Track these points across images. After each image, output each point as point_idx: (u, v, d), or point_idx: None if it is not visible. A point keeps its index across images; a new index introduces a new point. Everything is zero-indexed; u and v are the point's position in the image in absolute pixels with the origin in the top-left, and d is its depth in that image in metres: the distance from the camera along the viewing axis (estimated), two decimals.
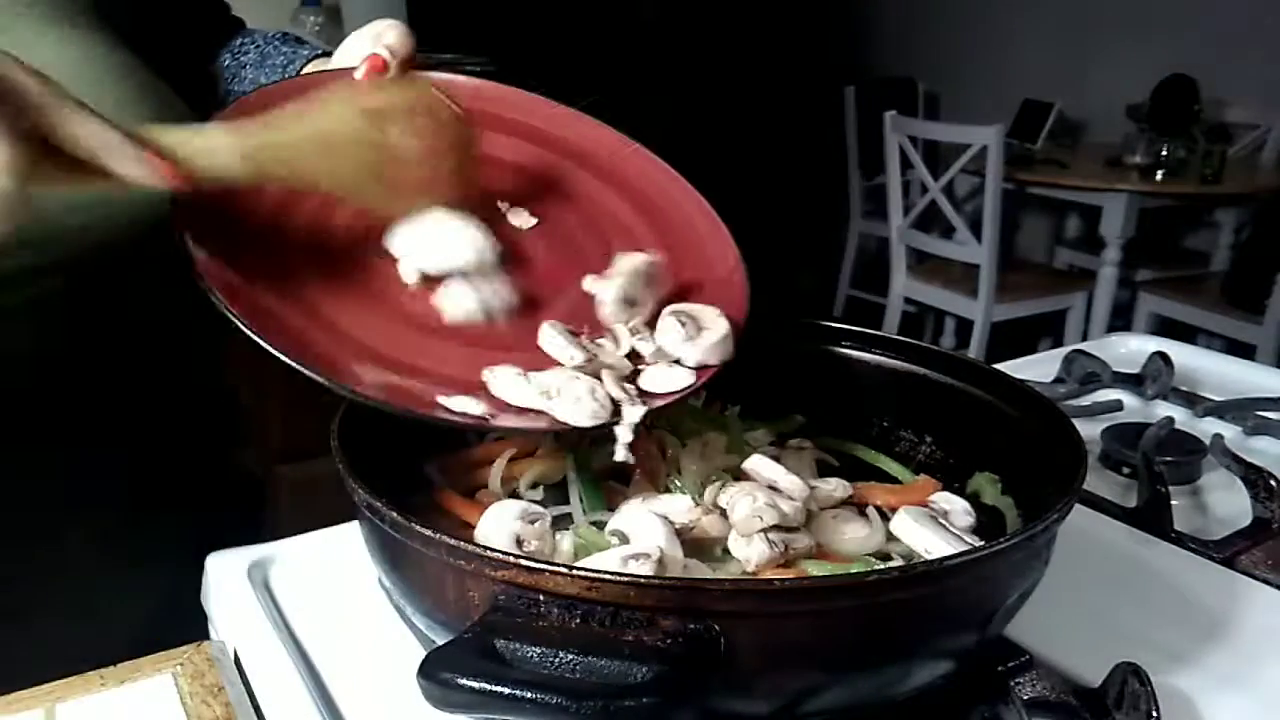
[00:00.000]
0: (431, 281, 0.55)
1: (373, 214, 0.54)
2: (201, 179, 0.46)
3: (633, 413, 0.52)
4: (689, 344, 0.55)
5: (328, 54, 0.68)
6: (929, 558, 0.52)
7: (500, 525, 0.51)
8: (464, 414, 0.51)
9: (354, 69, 0.60)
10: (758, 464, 0.58)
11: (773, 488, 0.56)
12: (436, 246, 0.54)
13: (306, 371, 0.47)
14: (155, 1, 0.72)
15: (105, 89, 0.58)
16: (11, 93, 0.40)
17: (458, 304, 0.54)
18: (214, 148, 0.47)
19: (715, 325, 0.56)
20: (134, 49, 0.63)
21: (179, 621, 0.61)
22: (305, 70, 0.69)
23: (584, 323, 0.57)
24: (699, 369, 0.56)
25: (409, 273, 0.54)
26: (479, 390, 0.52)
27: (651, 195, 0.64)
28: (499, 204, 0.61)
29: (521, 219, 0.61)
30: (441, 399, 0.51)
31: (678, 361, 0.56)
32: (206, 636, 0.60)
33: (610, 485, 0.61)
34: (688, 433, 0.66)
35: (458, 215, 0.54)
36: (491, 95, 0.65)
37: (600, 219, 0.63)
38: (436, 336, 0.54)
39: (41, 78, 0.41)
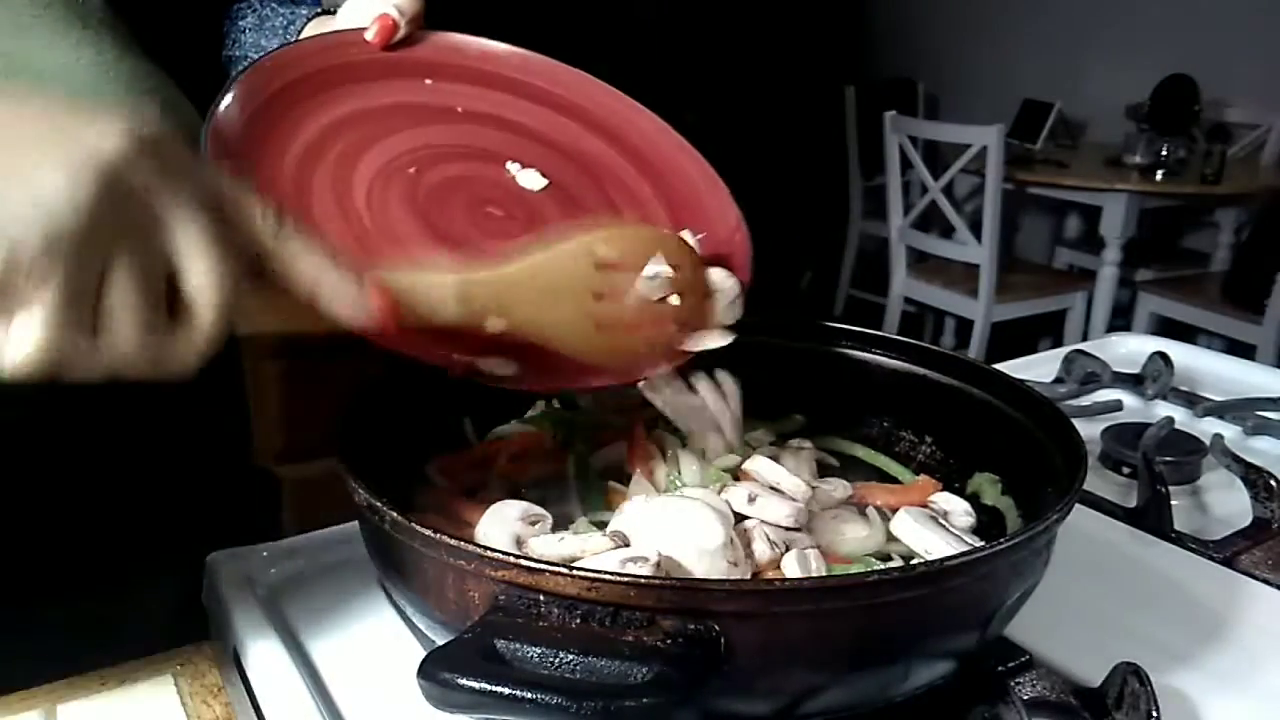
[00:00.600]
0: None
1: (583, 356, 0.52)
2: (416, 319, 0.45)
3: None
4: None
5: (329, 12, 0.67)
6: (929, 558, 0.52)
7: (500, 525, 0.51)
8: (492, 373, 0.51)
9: (363, 30, 0.59)
10: (760, 466, 0.58)
11: (774, 489, 0.56)
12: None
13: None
14: None
15: (117, 94, 0.58)
16: (233, 213, 0.38)
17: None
18: (437, 290, 0.46)
19: (726, 286, 0.57)
20: (143, 35, 0.63)
21: (190, 623, 0.61)
22: (307, 30, 0.67)
23: None
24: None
25: None
26: (505, 348, 0.52)
27: (657, 161, 0.65)
28: (509, 165, 0.62)
29: (532, 180, 0.62)
30: (477, 361, 0.51)
31: None
32: (207, 636, 0.60)
33: (610, 485, 0.61)
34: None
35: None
36: (505, 58, 0.65)
37: (608, 183, 0.63)
38: None
39: (265, 207, 0.39)
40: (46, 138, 0.35)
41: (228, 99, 0.53)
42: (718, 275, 0.57)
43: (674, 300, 0.53)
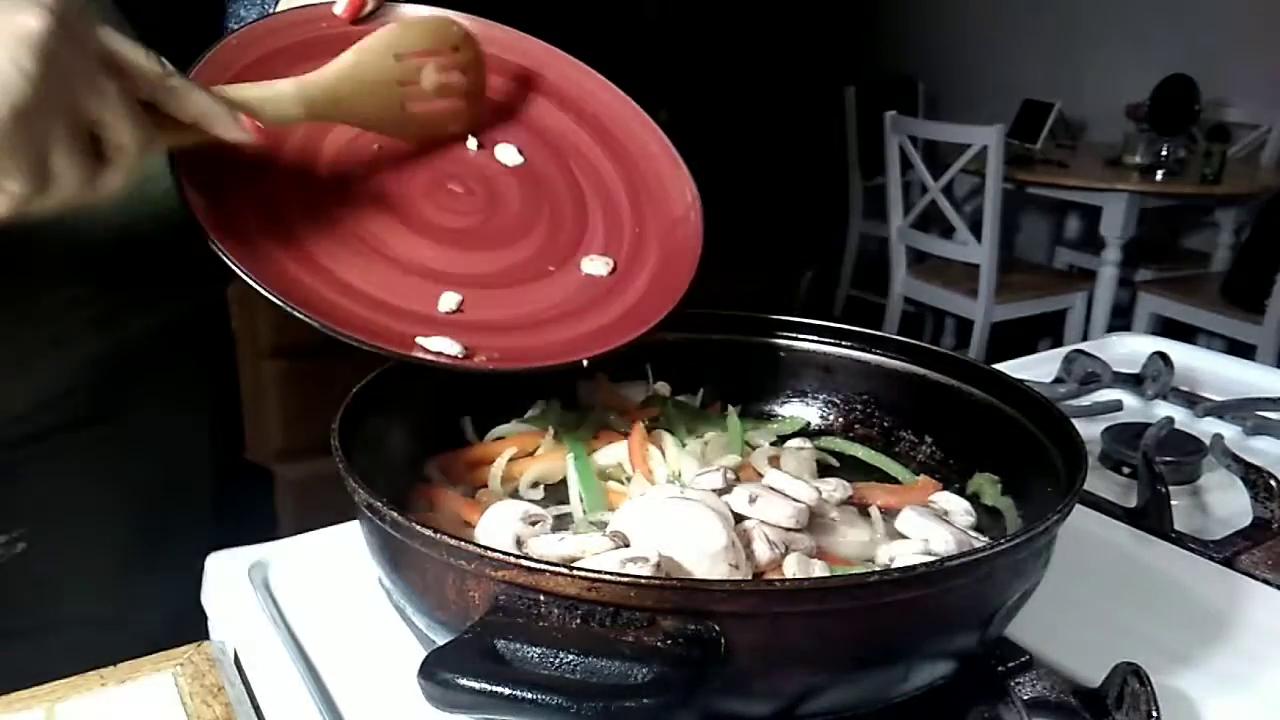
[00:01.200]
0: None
1: (394, 140, 0.60)
2: (272, 125, 0.54)
3: None
4: None
5: None
6: (929, 549, 0.52)
7: (501, 525, 0.51)
8: (440, 353, 0.53)
9: (333, 3, 0.62)
10: (764, 471, 0.58)
11: (774, 490, 0.56)
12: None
13: (288, 307, 0.50)
14: None
15: None
16: (131, 70, 0.45)
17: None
18: (279, 97, 0.53)
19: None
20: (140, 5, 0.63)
21: (190, 623, 0.61)
22: (283, 3, 0.68)
23: (549, 263, 0.60)
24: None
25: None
26: (456, 329, 0.54)
27: (622, 139, 0.66)
28: (496, 148, 0.64)
29: (510, 156, 0.63)
30: (420, 339, 0.53)
31: None
32: (207, 636, 0.60)
33: (610, 485, 0.61)
34: (688, 433, 0.66)
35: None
36: (478, 33, 0.65)
37: (571, 156, 0.65)
38: (417, 275, 0.56)
39: (150, 52, 0.46)
40: None
41: (194, 75, 0.54)
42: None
43: (458, 78, 0.61)
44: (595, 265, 0.60)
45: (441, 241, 0.57)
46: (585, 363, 0.55)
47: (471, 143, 0.63)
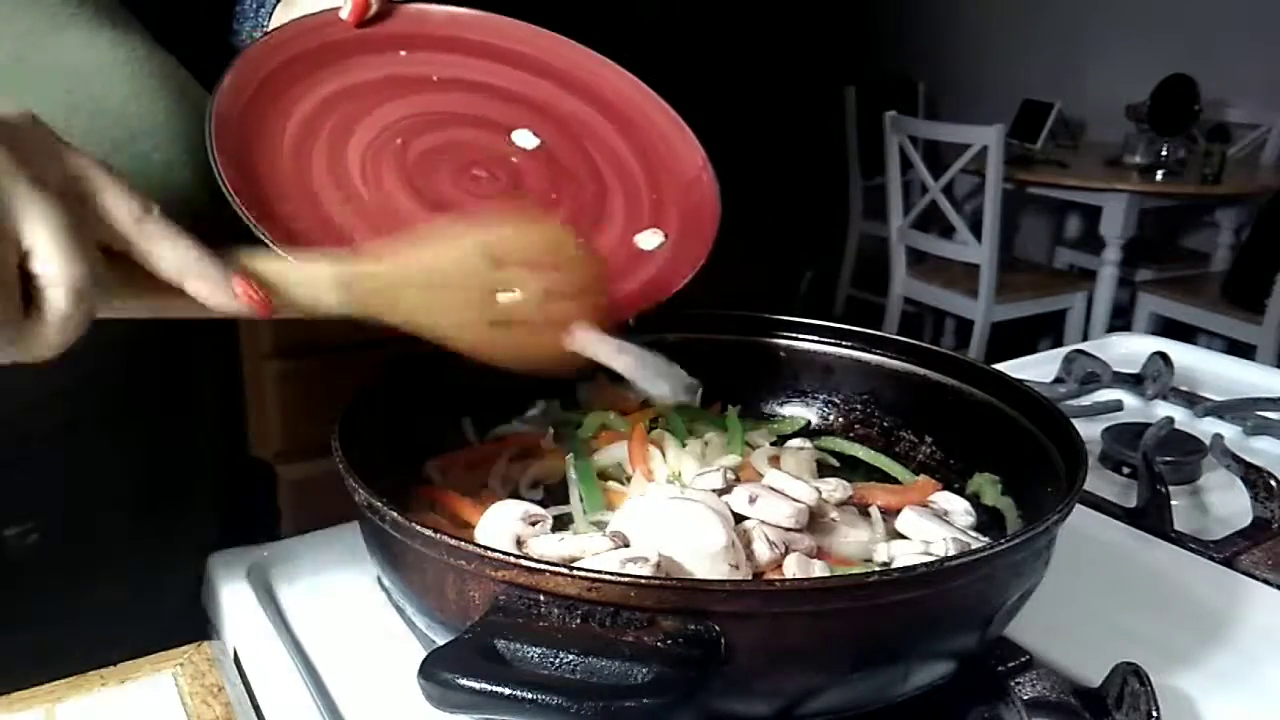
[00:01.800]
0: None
1: (474, 353, 0.51)
2: (292, 313, 0.44)
3: None
4: None
5: None
6: (929, 549, 0.52)
7: (501, 525, 0.51)
8: None
9: (337, 9, 0.61)
10: (764, 471, 0.58)
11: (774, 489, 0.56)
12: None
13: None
14: None
15: (150, 89, 0.59)
16: (91, 200, 0.38)
17: None
18: (314, 280, 0.44)
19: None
20: (160, 33, 0.64)
21: (190, 623, 0.62)
22: (276, 13, 0.68)
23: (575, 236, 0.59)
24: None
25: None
26: None
27: (628, 112, 0.68)
28: (513, 134, 0.64)
29: (526, 140, 0.64)
30: None
31: None
32: (206, 636, 0.60)
33: (610, 485, 0.61)
34: (688, 433, 0.66)
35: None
36: (469, 22, 0.66)
37: (585, 137, 0.66)
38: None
39: (126, 184, 0.39)
40: None
41: (222, 89, 0.54)
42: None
43: (573, 304, 0.52)
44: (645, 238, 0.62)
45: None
46: (631, 322, 0.56)
47: (517, 134, 0.64)
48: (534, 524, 0.52)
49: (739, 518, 0.53)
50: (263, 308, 0.42)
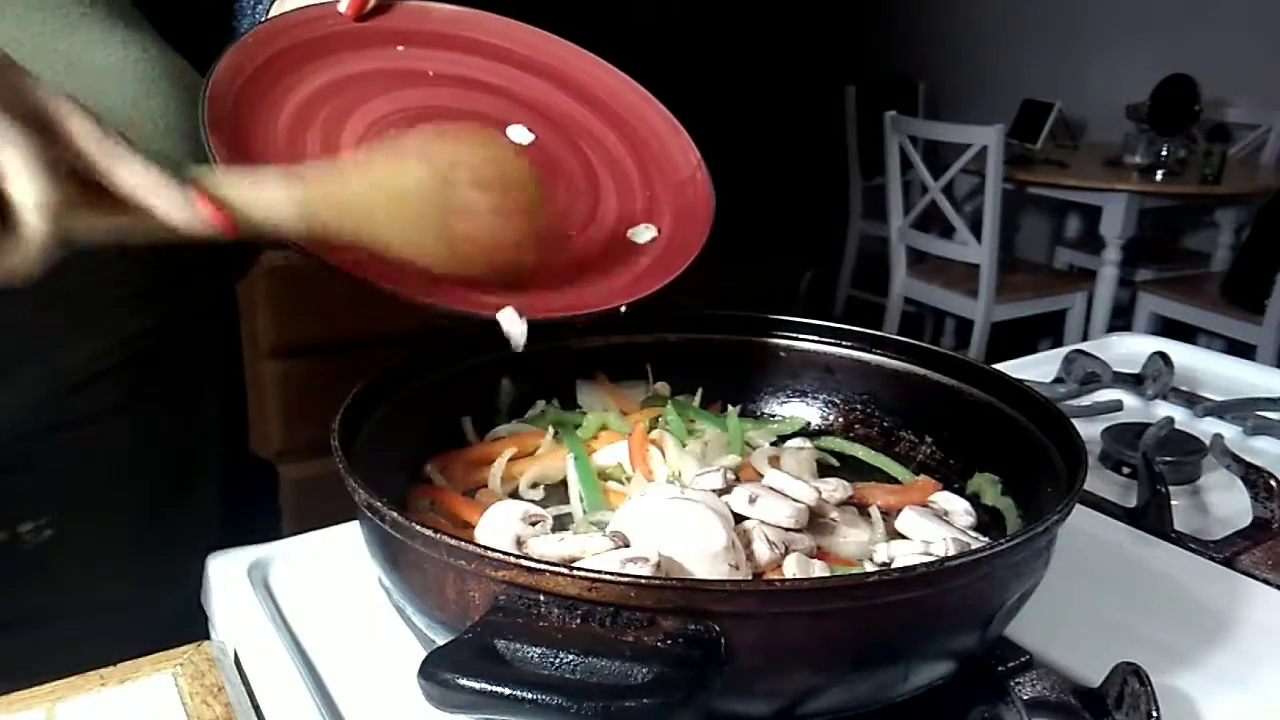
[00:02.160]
0: None
1: (430, 267, 0.52)
2: (251, 227, 0.45)
3: None
4: None
5: None
6: (929, 549, 0.52)
7: (501, 525, 0.51)
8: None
9: (336, 2, 0.62)
10: (764, 471, 0.58)
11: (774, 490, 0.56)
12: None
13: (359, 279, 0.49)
14: None
15: (161, 89, 0.60)
16: (57, 128, 0.40)
17: None
18: (270, 198, 0.45)
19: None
20: (161, 31, 0.64)
21: (190, 623, 0.62)
22: (273, 10, 0.69)
23: (569, 229, 0.61)
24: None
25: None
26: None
27: (622, 112, 0.68)
28: (509, 129, 0.65)
29: (521, 135, 0.64)
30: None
31: None
32: (206, 636, 0.60)
33: (610, 485, 0.61)
34: (688, 433, 0.66)
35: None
36: (470, 21, 0.67)
37: (578, 135, 0.66)
38: None
39: (91, 114, 0.41)
40: None
41: (216, 75, 0.55)
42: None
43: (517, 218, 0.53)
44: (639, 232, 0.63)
45: None
46: (623, 309, 0.57)
47: (513, 130, 0.64)
48: (534, 524, 0.52)
49: (739, 518, 0.53)
50: (226, 225, 0.43)
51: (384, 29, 0.64)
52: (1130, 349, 1.06)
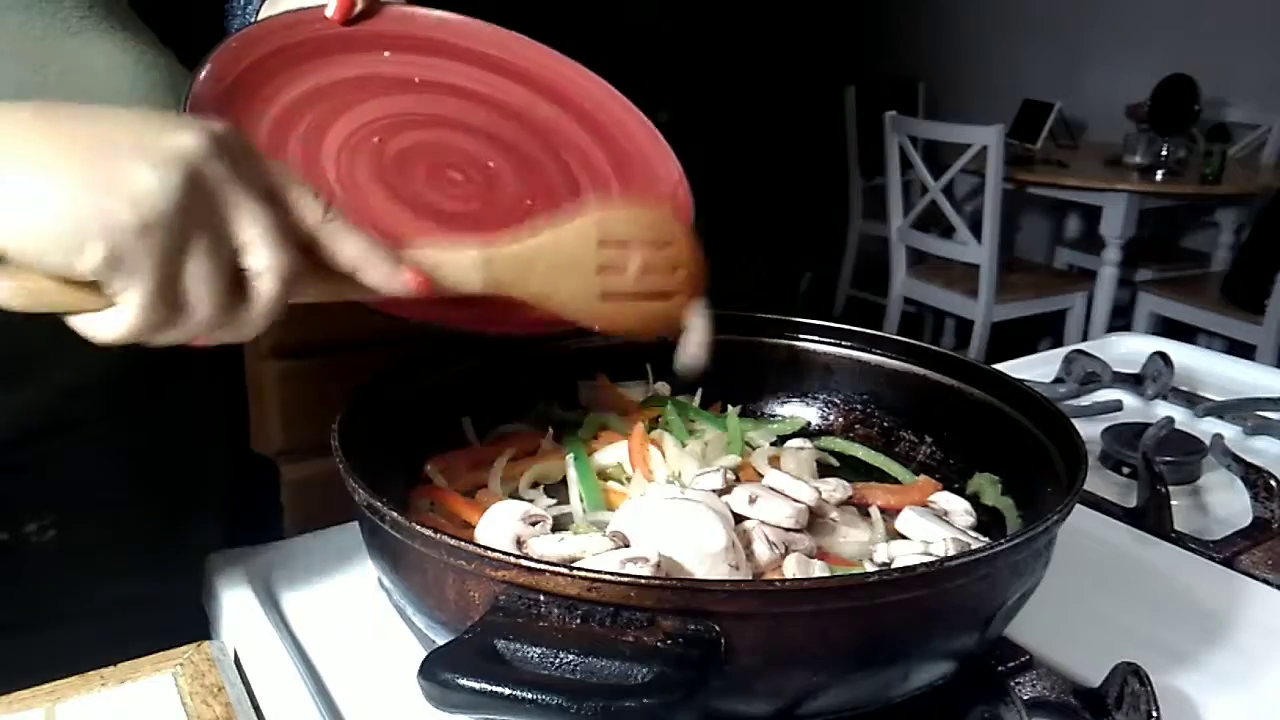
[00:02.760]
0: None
1: (591, 323, 0.56)
2: (446, 291, 0.50)
3: None
4: None
5: None
6: (929, 549, 0.52)
7: (501, 525, 0.51)
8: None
9: (323, 7, 0.62)
10: (765, 471, 0.58)
11: (775, 490, 0.56)
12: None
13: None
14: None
15: (159, 93, 0.60)
16: (286, 202, 0.43)
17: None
18: (461, 262, 0.50)
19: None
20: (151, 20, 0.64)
21: (190, 623, 0.62)
22: (263, 11, 0.69)
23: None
24: None
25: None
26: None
27: (606, 123, 0.68)
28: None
29: (499, 145, 0.65)
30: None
31: None
32: (207, 636, 0.60)
33: (610, 485, 0.61)
34: (688, 433, 0.66)
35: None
36: (456, 27, 0.67)
37: (560, 145, 0.67)
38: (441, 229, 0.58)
39: (307, 187, 0.44)
40: (135, 145, 0.39)
41: (200, 78, 0.55)
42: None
43: (671, 277, 0.57)
44: None
45: (447, 225, 0.59)
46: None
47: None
48: (534, 524, 0.52)
49: (739, 518, 0.53)
50: (426, 289, 0.48)
51: (370, 34, 0.64)
52: (1130, 349, 1.06)
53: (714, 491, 0.55)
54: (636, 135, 0.68)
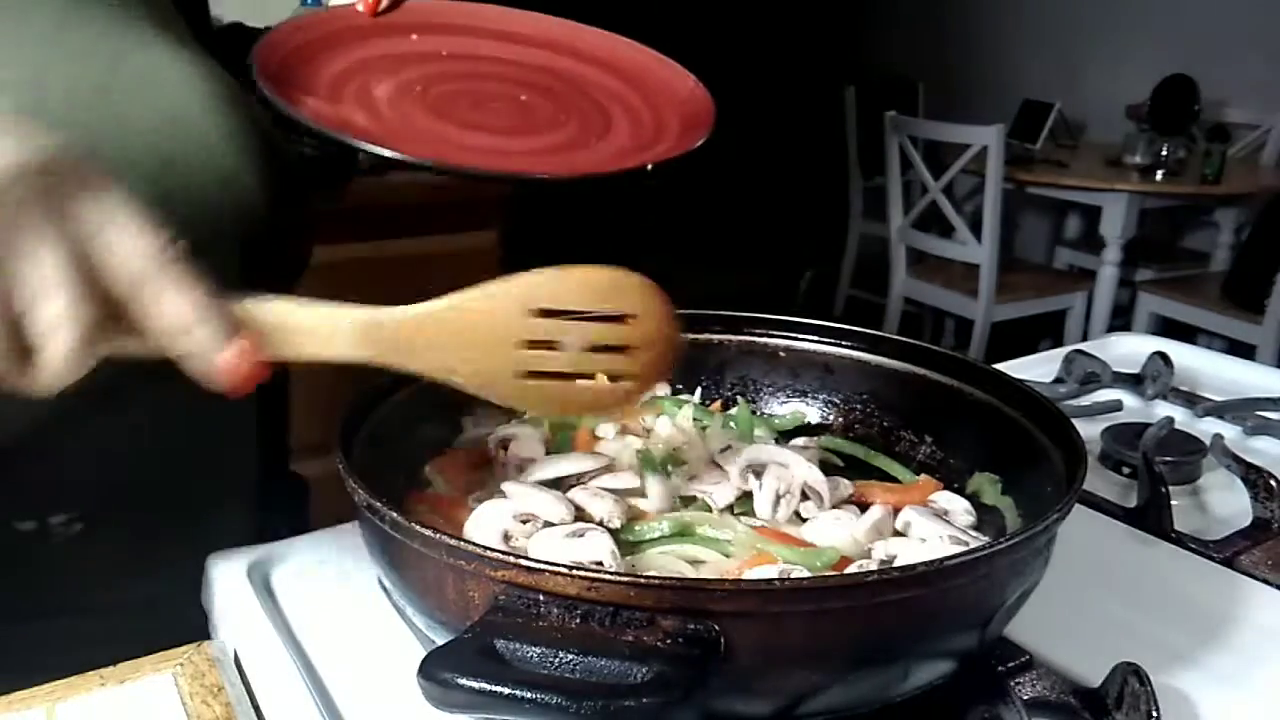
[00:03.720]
0: None
1: (507, 404, 0.49)
2: (312, 360, 0.42)
3: None
4: None
5: None
6: (929, 549, 0.52)
7: (488, 523, 0.52)
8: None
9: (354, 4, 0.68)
10: (775, 455, 0.59)
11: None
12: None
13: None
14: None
15: (223, 106, 0.62)
16: (103, 246, 0.36)
17: None
18: (330, 327, 0.42)
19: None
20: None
21: (189, 623, 0.62)
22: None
23: (590, 137, 0.67)
24: None
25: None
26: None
27: (620, 62, 0.74)
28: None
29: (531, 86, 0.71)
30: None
31: None
32: (206, 636, 0.60)
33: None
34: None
35: None
36: (473, 11, 0.73)
37: (584, 84, 0.72)
38: (480, 150, 0.64)
39: (152, 233, 0.37)
40: None
41: (260, 44, 0.61)
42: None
43: (622, 358, 0.48)
44: None
45: (494, 131, 0.65)
46: (650, 166, 0.62)
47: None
48: (525, 522, 0.52)
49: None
50: (258, 372, 0.40)
51: (400, 22, 0.70)
52: (1130, 349, 1.06)
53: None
54: (652, 66, 0.74)
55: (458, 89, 0.67)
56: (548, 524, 0.52)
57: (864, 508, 0.60)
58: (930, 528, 0.54)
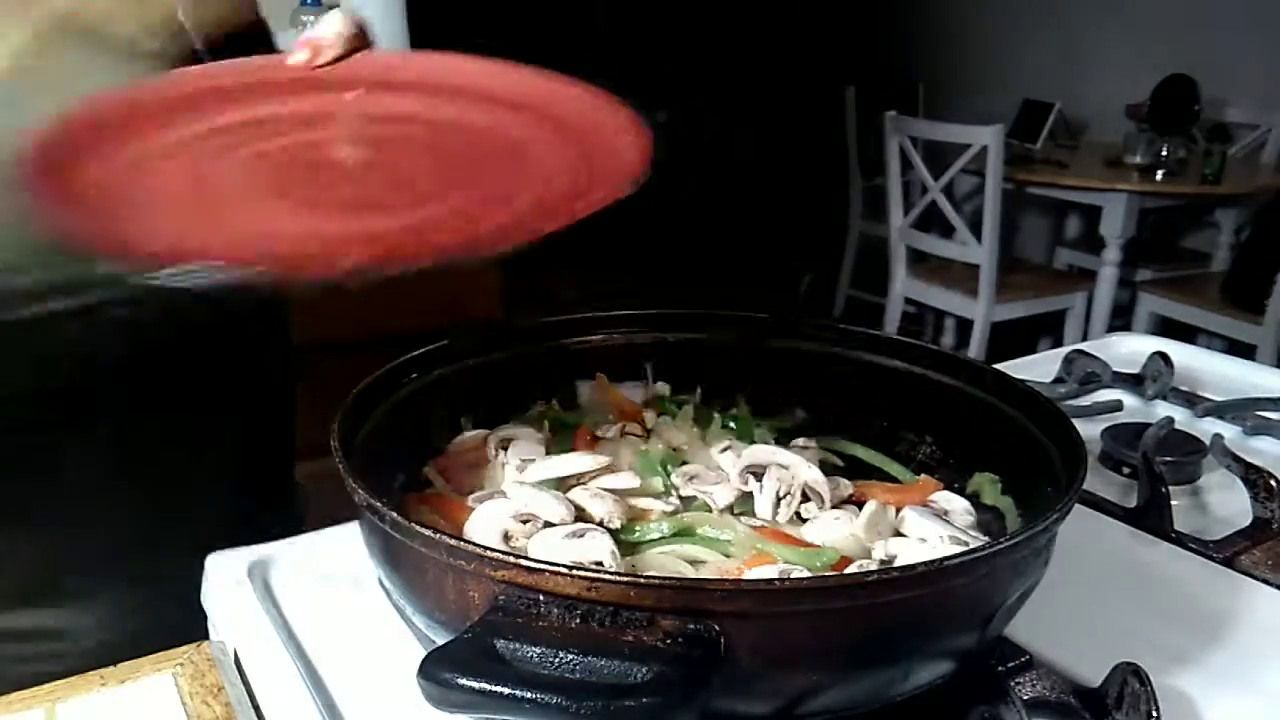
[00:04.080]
0: None
1: None
2: None
3: None
4: None
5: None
6: (929, 549, 0.52)
7: (488, 523, 0.52)
8: None
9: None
10: (775, 455, 0.59)
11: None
12: None
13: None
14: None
15: None
16: None
17: None
18: None
19: None
20: None
21: (189, 623, 0.62)
22: None
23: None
24: None
25: None
26: None
27: (547, 105, 0.62)
28: None
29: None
30: None
31: None
32: (206, 636, 0.60)
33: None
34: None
35: None
36: (420, 64, 0.64)
37: (510, 126, 0.61)
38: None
39: None
40: None
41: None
42: None
43: None
44: None
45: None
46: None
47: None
48: (524, 522, 0.52)
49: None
50: None
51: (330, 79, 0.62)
52: (1130, 349, 1.06)
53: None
54: (581, 102, 0.62)
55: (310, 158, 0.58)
56: (548, 524, 0.52)
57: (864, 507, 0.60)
58: (930, 528, 0.54)
